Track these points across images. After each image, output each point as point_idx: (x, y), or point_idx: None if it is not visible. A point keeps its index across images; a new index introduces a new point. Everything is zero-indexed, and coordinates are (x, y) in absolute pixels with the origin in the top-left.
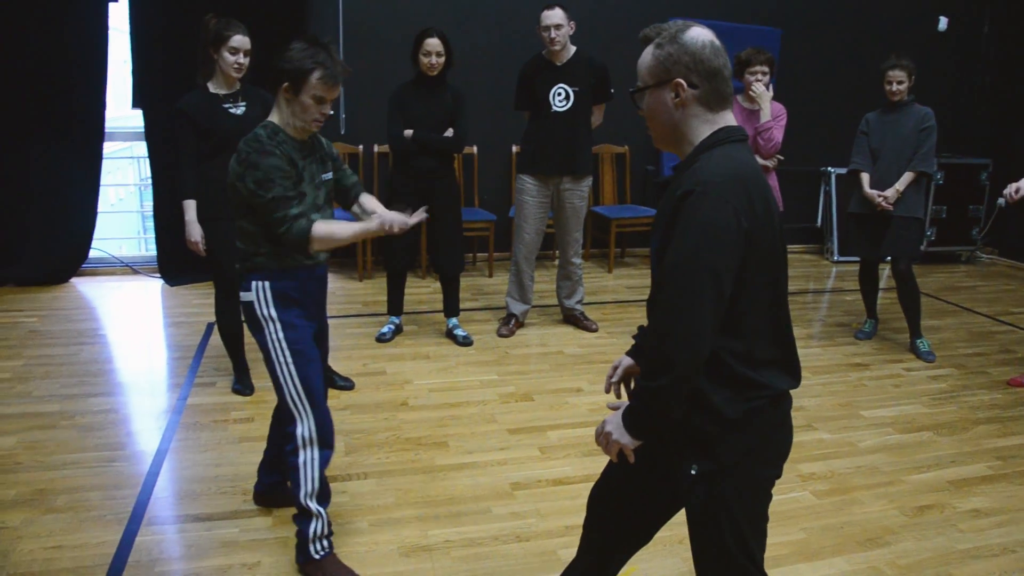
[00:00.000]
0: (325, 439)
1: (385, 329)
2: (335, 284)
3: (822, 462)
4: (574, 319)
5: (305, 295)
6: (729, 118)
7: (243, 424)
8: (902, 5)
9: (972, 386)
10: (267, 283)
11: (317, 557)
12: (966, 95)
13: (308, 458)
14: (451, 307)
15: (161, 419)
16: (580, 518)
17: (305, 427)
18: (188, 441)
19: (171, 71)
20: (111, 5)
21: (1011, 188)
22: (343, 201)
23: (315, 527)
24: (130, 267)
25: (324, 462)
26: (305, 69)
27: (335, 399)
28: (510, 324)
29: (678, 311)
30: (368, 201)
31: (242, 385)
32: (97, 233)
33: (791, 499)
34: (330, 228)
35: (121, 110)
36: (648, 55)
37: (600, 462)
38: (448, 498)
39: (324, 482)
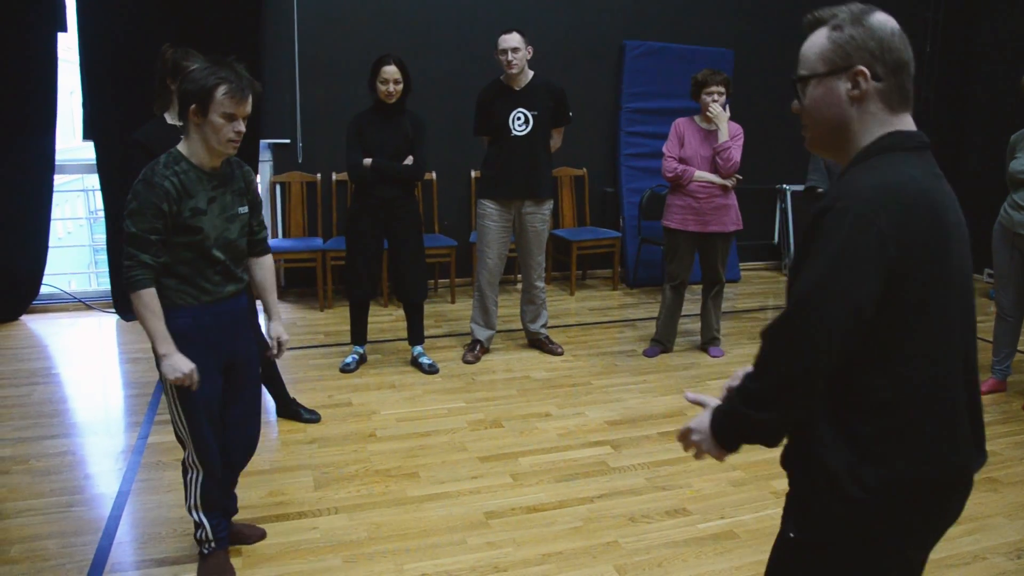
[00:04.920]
0: (209, 469)
1: (349, 359)
2: (295, 315)
3: None
4: (539, 343)
5: (205, 333)
6: (908, 122)
7: None
8: None
9: None
10: None
11: (206, 552)
12: (912, 112)
13: (193, 478)
14: (416, 335)
15: (120, 460)
16: (556, 545)
17: (191, 456)
18: (150, 481)
19: (122, 102)
20: (60, 35)
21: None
22: (249, 251)
23: (198, 534)
24: (83, 302)
25: (208, 484)
26: (208, 86)
27: (301, 432)
28: (475, 350)
29: (796, 345)
30: (266, 282)
31: None
32: (47, 269)
33: (766, 516)
34: (152, 309)
35: (68, 142)
36: (822, 38)
37: (573, 486)
38: (422, 530)
39: (211, 496)
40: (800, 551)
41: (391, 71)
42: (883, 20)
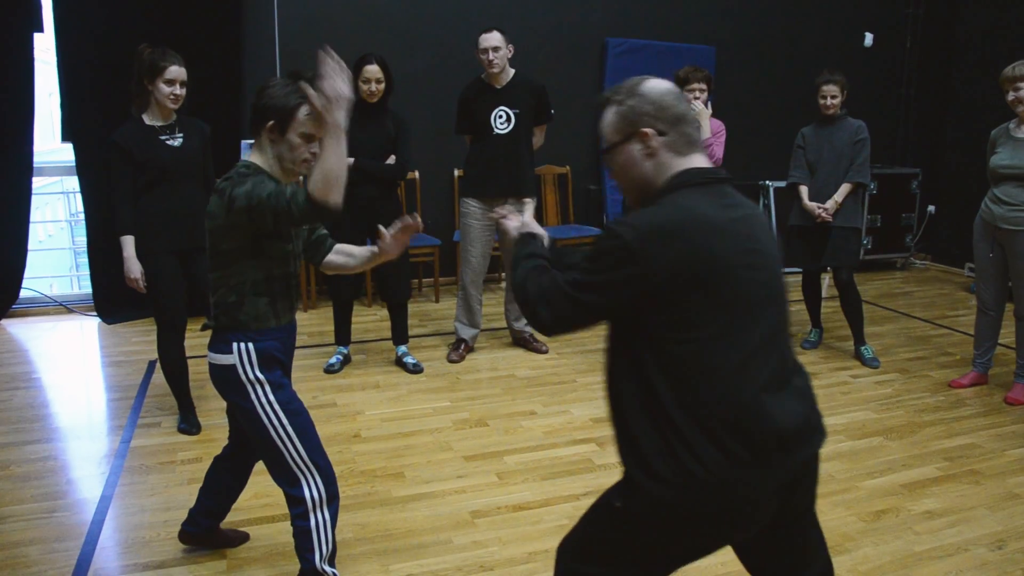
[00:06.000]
0: (332, 492)
1: (333, 360)
2: None
3: None
4: (524, 341)
5: (286, 354)
6: (699, 160)
7: (191, 465)
8: (830, 22)
9: (916, 390)
10: (251, 344)
11: None
12: (892, 107)
13: (320, 520)
14: (400, 334)
15: (103, 464)
16: (542, 543)
17: (313, 488)
18: (133, 486)
19: (102, 103)
20: (36, 35)
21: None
22: (313, 256)
23: None
24: (64, 306)
25: (335, 517)
26: (291, 106)
27: None
28: (460, 349)
29: (540, 300)
30: (351, 247)
31: (188, 424)
32: (26, 272)
33: None
34: (316, 175)
35: (47, 144)
36: (611, 114)
37: (559, 484)
38: (408, 531)
39: (335, 540)
40: (620, 519)
41: (373, 70)
42: (654, 84)
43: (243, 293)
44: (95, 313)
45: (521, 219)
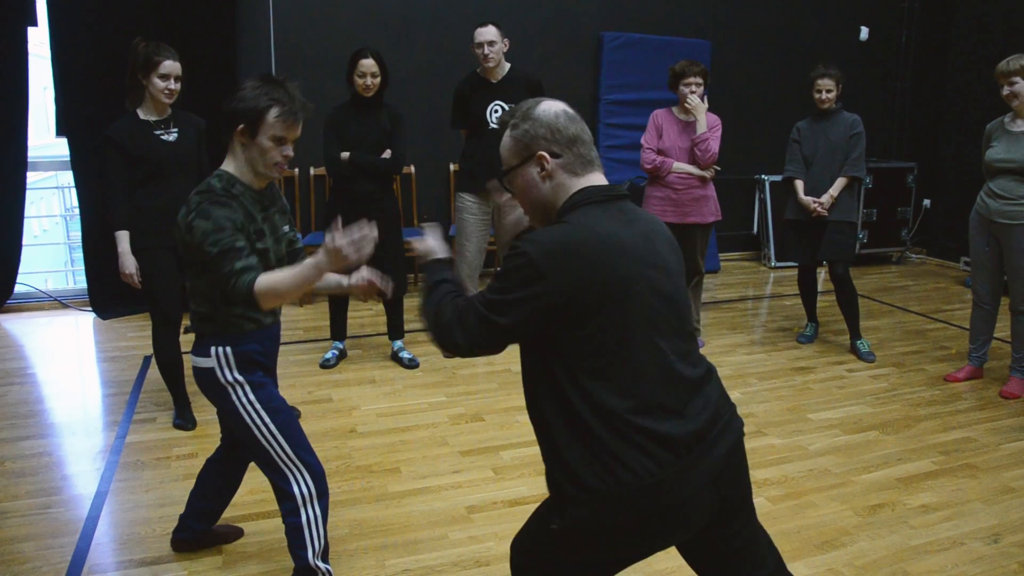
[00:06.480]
0: (322, 489)
1: (329, 355)
2: None
3: (775, 467)
4: None
5: (267, 357)
6: (596, 179)
7: (186, 460)
8: (825, 16)
9: (912, 384)
10: (228, 348)
11: None
12: (888, 101)
13: (311, 516)
14: (395, 329)
15: (99, 460)
16: None
17: (302, 484)
18: (129, 481)
19: (96, 97)
20: (30, 29)
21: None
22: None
23: None
24: (59, 301)
25: (326, 513)
26: (260, 107)
27: None
28: None
29: (455, 322)
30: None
31: (183, 419)
32: (21, 267)
33: None
34: (272, 280)
35: (42, 138)
36: (507, 138)
37: None
38: (403, 526)
39: (327, 536)
40: (558, 539)
41: (368, 64)
42: (547, 107)
43: (215, 304)
44: (90, 308)
45: (431, 241)
